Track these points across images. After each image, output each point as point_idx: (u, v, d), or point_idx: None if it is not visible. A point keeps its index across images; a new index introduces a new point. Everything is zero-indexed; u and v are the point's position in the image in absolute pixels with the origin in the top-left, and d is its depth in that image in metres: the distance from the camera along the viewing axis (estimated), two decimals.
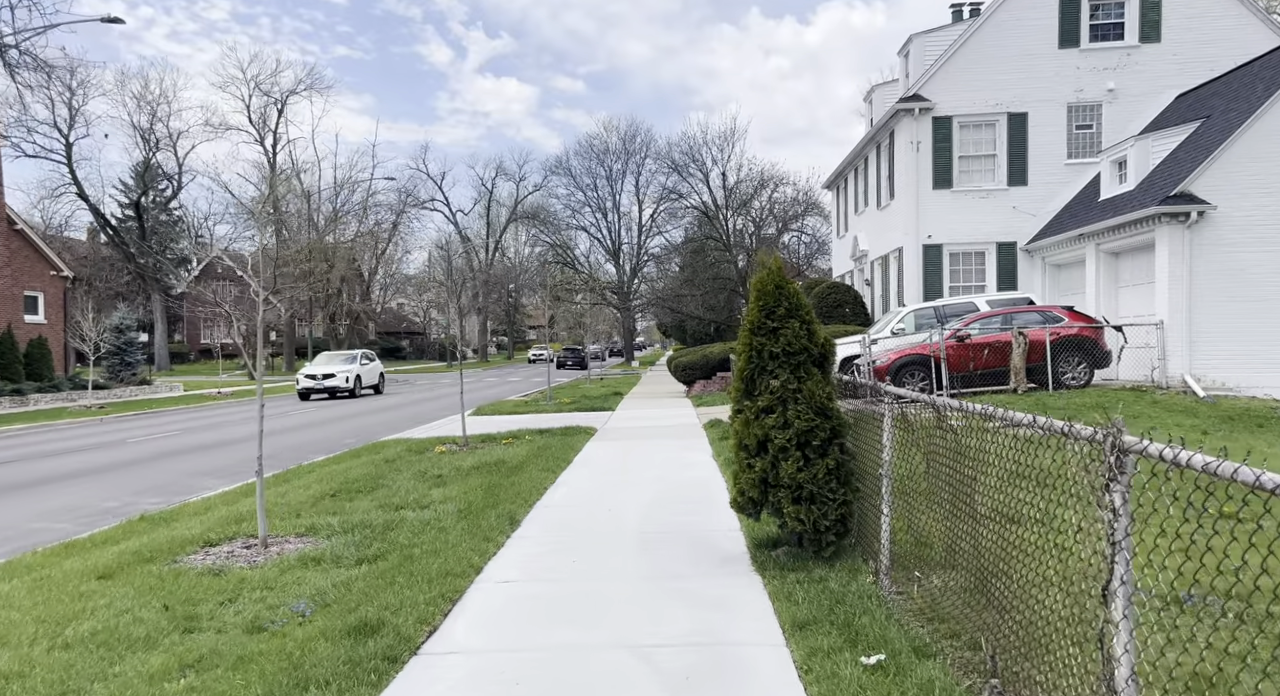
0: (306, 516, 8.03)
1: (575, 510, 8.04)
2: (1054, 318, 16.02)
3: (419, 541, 6.64)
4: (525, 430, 15.10)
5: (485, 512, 7.74)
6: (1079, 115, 20.87)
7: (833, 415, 5.77)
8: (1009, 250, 21.09)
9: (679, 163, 53.34)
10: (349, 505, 8.62)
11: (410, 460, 11.84)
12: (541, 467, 10.50)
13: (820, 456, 5.69)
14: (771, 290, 5.95)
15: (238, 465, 12.88)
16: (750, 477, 5.84)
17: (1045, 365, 15.46)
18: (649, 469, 10.49)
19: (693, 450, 12.18)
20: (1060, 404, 13.80)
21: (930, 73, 21.20)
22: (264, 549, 6.73)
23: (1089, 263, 18.23)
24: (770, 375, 5.84)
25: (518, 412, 20.26)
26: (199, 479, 11.53)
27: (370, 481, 10.06)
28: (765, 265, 6.05)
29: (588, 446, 12.94)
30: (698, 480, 9.53)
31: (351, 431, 17.84)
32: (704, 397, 22.04)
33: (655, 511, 7.85)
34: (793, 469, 5.64)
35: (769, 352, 5.85)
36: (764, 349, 5.87)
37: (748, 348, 5.95)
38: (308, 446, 15.19)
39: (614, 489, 9.16)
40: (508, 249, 79.16)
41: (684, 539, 6.71)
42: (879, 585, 5.11)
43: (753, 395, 5.91)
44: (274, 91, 52.27)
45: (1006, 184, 21.05)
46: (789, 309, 5.92)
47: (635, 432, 14.90)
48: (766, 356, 5.86)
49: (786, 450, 5.69)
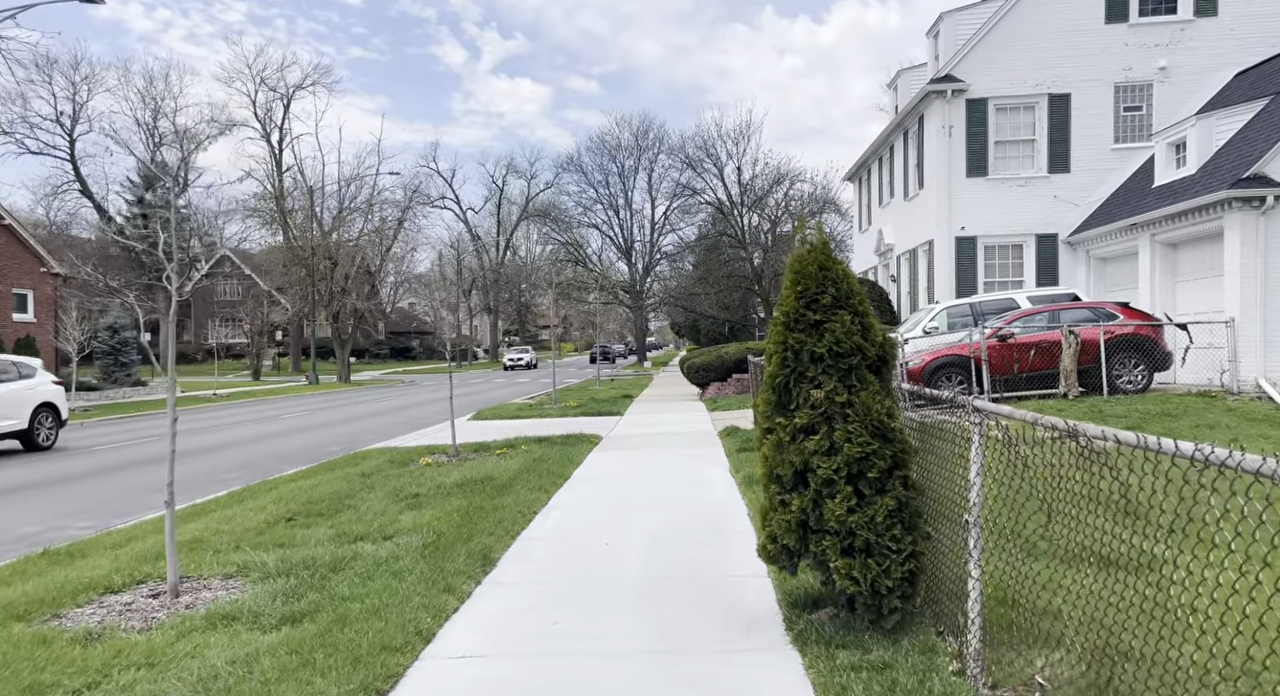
0: (246, 549, 6.70)
1: (565, 544, 6.66)
2: (1107, 315, 14.48)
3: (363, 592, 5.27)
4: (523, 438, 13.75)
5: (456, 548, 6.38)
6: (1127, 96, 19.25)
7: (895, 437, 4.36)
8: (1049, 242, 19.51)
9: (693, 157, 51.93)
10: (302, 534, 7.29)
11: (389, 474, 10.52)
12: (533, 485, 9.13)
13: (878, 492, 4.28)
14: (813, 272, 4.55)
15: (202, 477, 11.61)
16: (784, 519, 4.43)
17: (1098, 367, 13.95)
18: (656, 487, 9.09)
19: (706, 462, 10.78)
20: (1119, 411, 12.28)
21: (963, 52, 19.65)
22: (173, 599, 5.39)
23: (1142, 255, 16.64)
24: (812, 383, 4.44)
25: (519, 417, 18.93)
26: (149, 495, 10.24)
27: (336, 501, 8.74)
28: (806, 240, 4.65)
29: (589, 458, 11.56)
30: (713, 502, 8.13)
31: (340, 437, 16.57)
32: (719, 401, 20.63)
33: (662, 545, 6.46)
34: (842, 509, 4.23)
35: (810, 354, 4.44)
36: (803, 349, 4.46)
37: (781, 347, 4.54)
38: (288, 455, 13.93)
39: (614, 514, 7.77)
40: (519, 247, 78.02)
41: (697, 588, 5.31)
42: (966, 677, 3.69)
43: (788, 409, 4.51)
44: (280, 87, 51.29)
45: (1047, 171, 19.47)
46: (837, 296, 4.51)
47: (643, 441, 13.52)
48: (807, 359, 4.45)
49: (834, 484, 4.29)
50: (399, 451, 12.90)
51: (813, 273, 4.56)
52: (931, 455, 4.64)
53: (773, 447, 4.54)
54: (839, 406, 4.36)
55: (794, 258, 4.67)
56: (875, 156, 25.96)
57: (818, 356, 4.45)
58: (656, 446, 12.78)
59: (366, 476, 10.45)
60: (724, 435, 13.52)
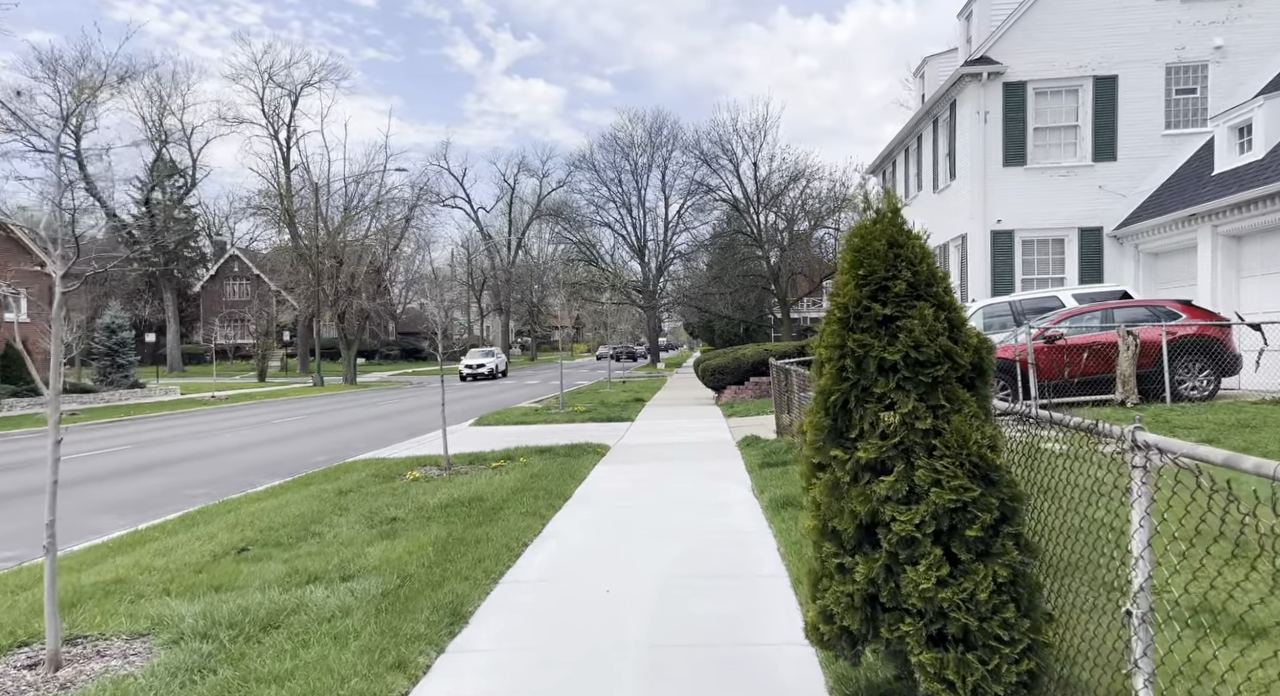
0: (172, 595, 5.56)
1: (556, 592, 5.45)
2: (1168, 314, 13.12)
3: (288, 669, 4.09)
4: (523, 448, 12.57)
5: (421, 599, 5.19)
6: (1180, 77, 17.83)
7: (1001, 479, 3.12)
8: (1093, 236, 18.11)
9: (708, 153, 50.60)
10: (250, 571, 6.14)
11: (370, 492, 9.37)
12: (526, 509, 7.94)
13: (980, 557, 3.04)
14: (881, 250, 3.32)
15: (162, 494, 10.51)
16: (844, 591, 3.21)
17: (1159, 372, 12.60)
18: (668, 512, 7.87)
19: (725, 479, 9.55)
20: (1189, 421, 10.92)
21: (1001, 31, 18.30)
22: (50, 671, 4.24)
23: (1202, 248, 15.23)
24: (881, 402, 3.22)
25: (523, 423, 17.78)
26: (95, 517, 9.14)
27: (301, 527, 7.59)
28: (872, 208, 3.43)
29: (594, 473, 10.36)
30: (735, 533, 6.91)
31: (331, 445, 15.46)
32: (736, 406, 19.39)
33: (675, 594, 5.25)
34: (929, 581, 3.01)
35: (879, 362, 3.22)
36: (869, 355, 3.24)
37: (838, 352, 3.32)
38: (268, 466, 12.82)
39: (618, 549, 6.56)
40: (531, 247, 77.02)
41: (719, 664, 4.10)
42: None
43: (848, 438, 3.29)
44: (288, 83, 50.47)
45: (1091, 159, 18.07)
46: (914, 283, 3.29)
47: (655, 452, 12.30)
48: (874, 369, 3.23)
49: (915, 544, 3.07)
50: (387, 463, 11.77)
51: (880, 251, 3.33)
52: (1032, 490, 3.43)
53: (826, 491, 3.31)
54: (921, 435, 3.14)
55: (853, 232, 3.44)
56: (901, 147, 24.62)
57: (889, 366, 3.23)
58: (669, 459, 11.56)
59: (343, 494, 9.31)
60: (743, 446, 12.29)
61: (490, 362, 43.48)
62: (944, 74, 21.59)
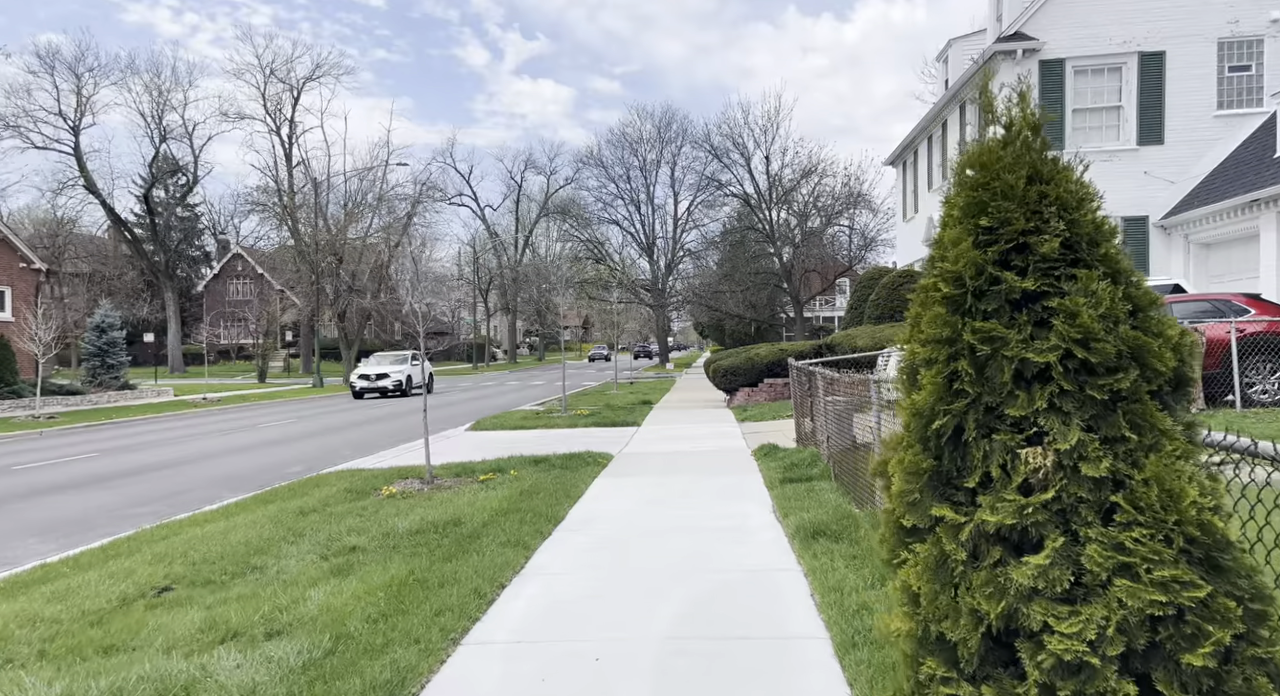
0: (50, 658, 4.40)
1: (530, 659, 4.22)
2: (1236, 309, 11.77)
3: None
4: (517, 457, 11.37)
5: (356, 669, 3.99)
6: (1233, 53, 16.44)
7: (1235, 565, 1.87)
8: (1139, 226, 16.75)
9: (719, 147, 49.29)
10: (158, 622, 4.98)
11: (335, 513, 8.18)
12: (509, 536, 6.72)
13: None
14: (1019, 190, 2.08)
15: (105, 512, 9.36)
16: None
17: (1225, 373, 11.28)
18: (676, 542, 6.63)
19: (743, 498, 8.31)
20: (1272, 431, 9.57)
21: (1036, 5, 16.95)
22: None
23: (1266, 238, 13.85)
24: (1019, 431, 1.99)
25: (523, 427, 16.59)
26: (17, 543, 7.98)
27: (241, 560, 6.41)
28: (998, 119, 2.18)
29: (592, 489, 9.14)
30: (757, 571, 5.67)
31: (313, 453, 14.31)
32: (749, 410, 18.14)
33: (682, 667, 4.01)
34: None
35: (1017, 366, 1.99)
36: (999, 354, 2.01)
37: (946, 349, 2.09)
38: (237, 478, 11.68)
39: (613, 593, 5.33)
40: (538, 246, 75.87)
41: None
42: None
43: (959, 487, 2.06)
44: (290, 78, 49.47)
45: (1136, 143, 16.71)
46: (1072, 241, 2.06)
47: (661, 463, 11.07)
48: (1008, 377, 1.99)
49: (1090, 675, 1.82)
50: (365, 475, 10.58)
51: (1015, 188, 2.09)
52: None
53: (927, 572, 2.06)
54: (1092, 487, 1.90)
55: (969, 159, 2.20)
56: (924, 135, 23.28)
57: (1035, 372, 1.99)
58: (677, 471, 10.32)
59: (304, 515, 8.12)
60: (760, 456, 11.04)
61: (398, 372, 29.50)
62: (970, 57, 20.31)
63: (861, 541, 6.02)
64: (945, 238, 2.18)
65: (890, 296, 20.22)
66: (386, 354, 32.94)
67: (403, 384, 29.56)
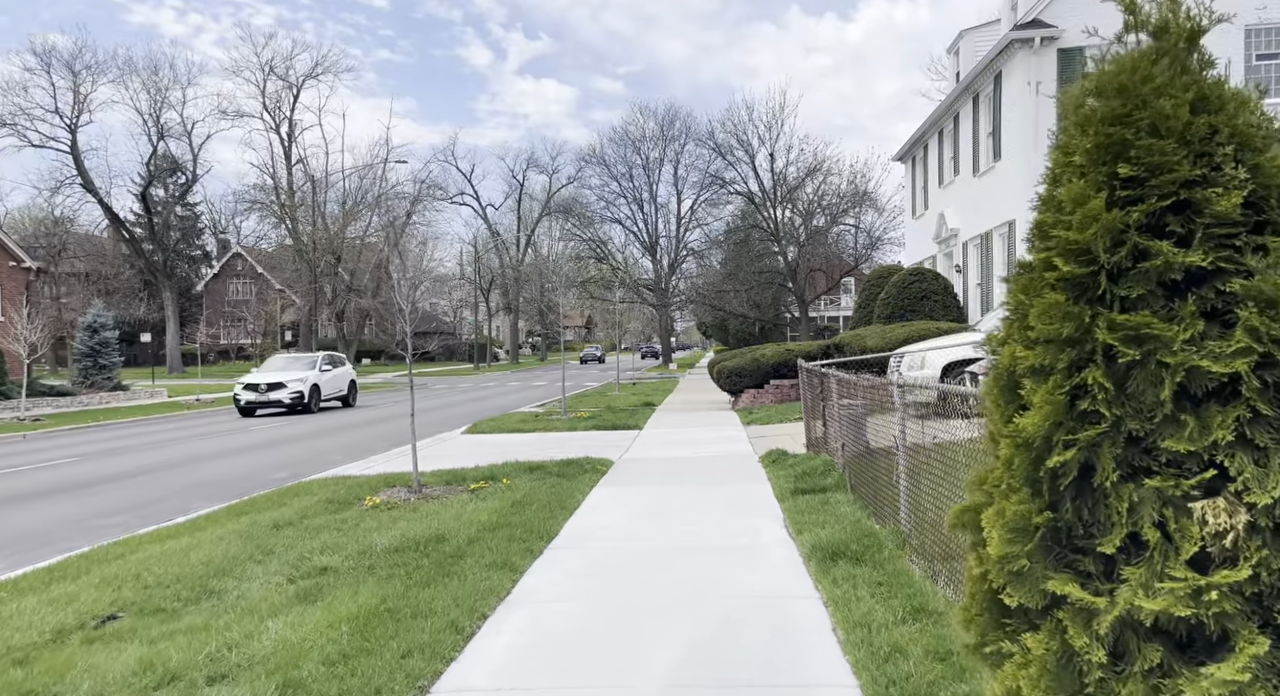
0: None
1: None
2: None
3: None
4: (512, 464, 10.76)
5: None
6: (1261, 40, 15.75)
7: None
8: None
9: (723, 144, 48.54)
10: (90, 661, 4.37)
11: (311, 526, 7.56)
12: (496, 556, 6.10)
13: None
14: (1178, 123, 1.43)
15: (69, 523, 8.77)
16: None
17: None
18: (679, 564, 6.00)
19: (752, 511, 7.68)
20: None
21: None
22: None
23: None
24: (1186, 474, 1.33)
25: (520, 431, 15.98)
26: None
27: (199, 583, 5.80)
28: (1145, 22, 1.55)
29: (589, 500, 8.51)
30: (770, 599, 5.05)
31: (301, 457, 13.70)
32: (755, 413, 17.50)
33: None
34: None
35: (1177, 377, 1.34)
36: (1153, 360, 1.36)
37: (1066, 352, 1.44)
38: (217, 485, 11.07)
39: (606, 629, 4.70)
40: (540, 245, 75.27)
41: None
42: None
43: (1086, 552, 1.40)
44: (289, 76, 48.90)
45: None
46: (1259, 198, 1.40)
47: (663, 471, 10.44)
48: (1166, 395, 1.34)
49: None
50: (350, 483, 9.97)
51: (1175, 118, 1.45)
52: None
53: (1046, 677, 1.42)
54: None
55: (1100, 80, 1.58)
56: (934, 129, 22.62)
57: (1211, 388, 1.34)
58: (680, 480, 9.70)
59: (279, 529, 7.51)
60: (769, 463, 10.41)
61: (297, 381, 22.23)
62: (982, 48, 19.62)
63: (886, 565, 5.40)
64: (1062, 196, 1.55)
65: (901, 295, 19.58)
66: (285, 357, 26.26)
67: (304, 396, 22.04)
